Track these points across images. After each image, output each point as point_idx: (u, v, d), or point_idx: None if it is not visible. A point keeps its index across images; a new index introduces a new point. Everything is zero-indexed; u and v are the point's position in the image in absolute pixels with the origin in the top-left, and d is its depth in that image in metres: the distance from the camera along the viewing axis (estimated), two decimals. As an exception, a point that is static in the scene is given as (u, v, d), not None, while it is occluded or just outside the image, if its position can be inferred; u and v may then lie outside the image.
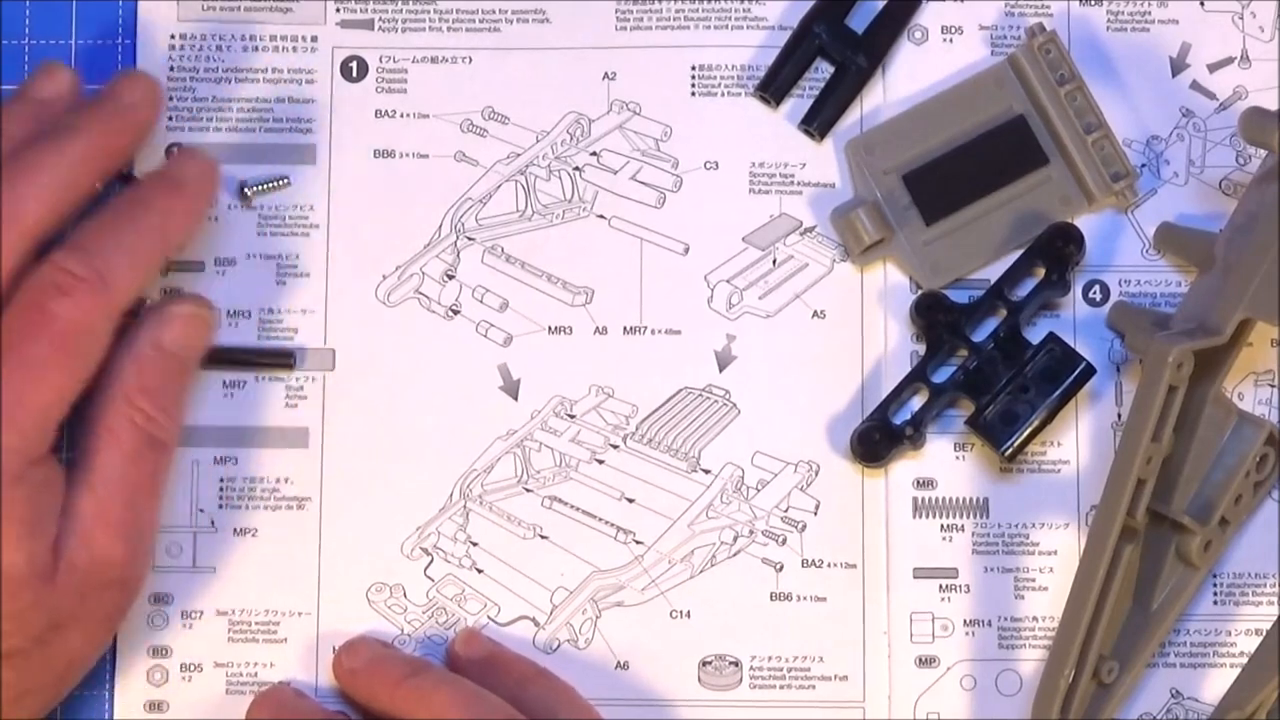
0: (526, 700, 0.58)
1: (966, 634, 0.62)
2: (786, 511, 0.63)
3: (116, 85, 0.59)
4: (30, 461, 0.53)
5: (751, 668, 0.62)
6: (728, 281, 0.64)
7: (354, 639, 0.62)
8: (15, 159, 0.55)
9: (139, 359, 0.57)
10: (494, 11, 0.65)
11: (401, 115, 0.65)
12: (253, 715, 0.60)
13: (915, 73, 0.65)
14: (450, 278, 0.64)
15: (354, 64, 0.65)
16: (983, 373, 0.62)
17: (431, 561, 0.63)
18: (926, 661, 0.62)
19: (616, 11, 0.65)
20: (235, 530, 0.63)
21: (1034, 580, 0.63)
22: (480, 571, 0.63)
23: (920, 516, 0.63)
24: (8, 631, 0.53)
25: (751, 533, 0.63)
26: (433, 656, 0.62)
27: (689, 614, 0.63)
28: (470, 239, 0.64)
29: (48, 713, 0.57)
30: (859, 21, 0.64)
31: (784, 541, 0.63)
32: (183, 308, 0.58)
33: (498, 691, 0.58)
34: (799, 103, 0.65)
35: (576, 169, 0.64)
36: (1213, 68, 0.65)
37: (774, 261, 0.64)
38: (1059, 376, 0.62)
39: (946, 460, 0.63)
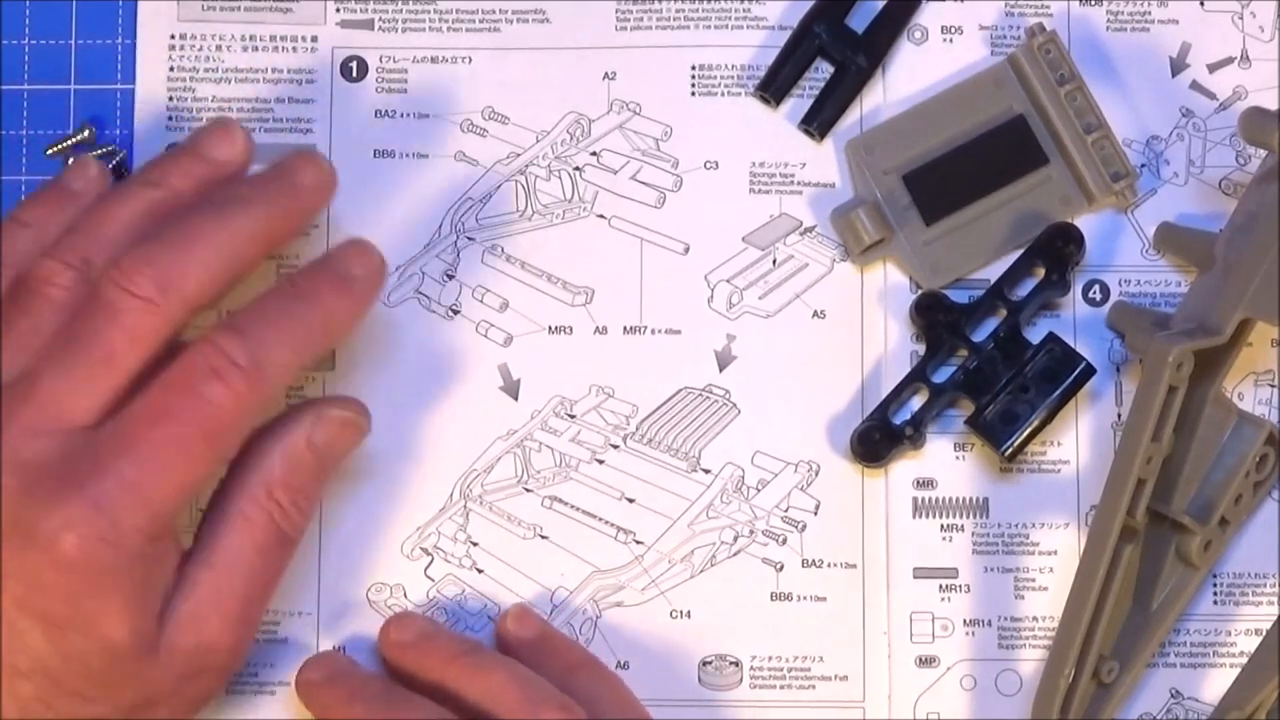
0: (574, 688, 0.58)
1: (966, 634, 0.62)
2: (786, 511, 0.63)
3: (293, 164, 0.56)
4: (151, 538, 0.52)
5: (751, 668, 0.62)
6: (728, 281, 0.64)
7: (403, 613, 0.61)
8: (180, 223, 0.53)
9: (289, 453, 0.55)
10: (494, 11, 0.65)
11: (401, 115, 0.65)
12: (304, 676, 0.59)
13: (915, 73, 0.65)
14: (450, 278, 0.64)
15: (354, 64, 0.65)
16: (983, 373, 0.62)
17: (431, 561, 0.63)
18: (926, 661, 0.62)
19: (616, 11, 0.65)
20: (235, 530, 0.63)
21: (1034, 580, 0.63)
22: (480, 571, 0.63)
23: (920, 516, 0.63)
24: (97, 697, 0.52)
25: (751, 533, 0.63)
26: (477, 631, 0.62)
27: (689, 614, 0.63)
28: (470, 239, 0.64)
29: None
30: (859, 21, 0.64)
31: (784, 541, 0.63)
32: (343, 412, 0.57)
33: (546, 675, 0.57)
34: (799, 103, 0.65)
35: (576, 169, 0.64)
36: (1213, 68, 0.65)
37: (774, 261, 0.64)
38: (1059, 376, 0.62)
39: (946, 460, 0.63)
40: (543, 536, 0.63)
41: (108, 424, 0.52)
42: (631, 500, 0.63)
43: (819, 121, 0.64)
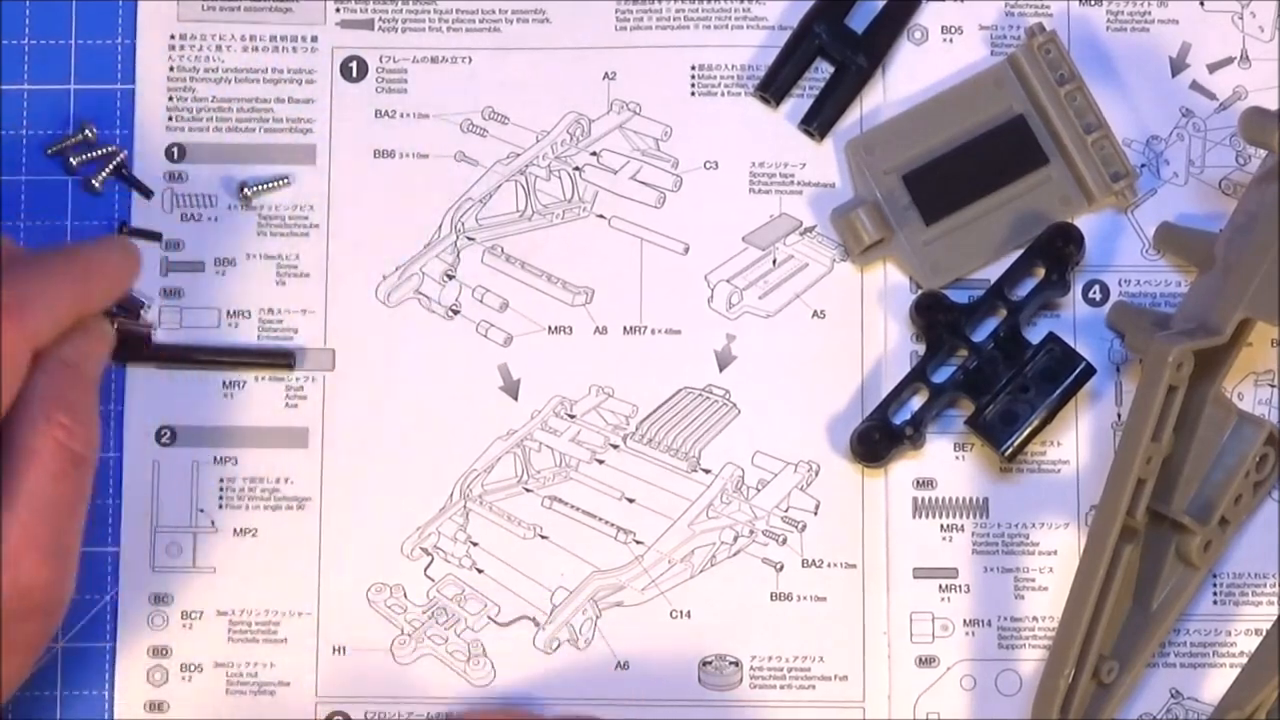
0: None
1: (966, 634, 0.62)
2: (786, 511, 0.63)
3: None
4: None
5: (751, 668, 0.62)
6: (728, 281, 0.64)
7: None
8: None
9: (51, 374, 0.55)
10: (494, 11, 0.65)
11: (401, 115, 0.65)
12: None
13: (915, 73, 0.65)
14: (450, 278, 0.64)
15: (354, 64, 0.65)
16: (983, 373, 0.62)
17: (431, 561, 0.63)
18: (926, 661, 0.62)
19: (616, 11, 0.65)
20: (235, 530, 0.63)
21: (1034, 580, 0.63)
22: (480, 571, 0.63)
23: (920, 516, 0.63)
24: None
25: (751, 533, 0.63)
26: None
27: (689, 614, 0.63)
28: (470, 239, 0.64)
29: None
30: (859, 21, 0.64)
31: (784, 541, 0.63)
32: (92, 321, 0.57)
33: None
34: (799, 103, 0.65)
35: (576, 169, 0.64)
36: (1213, 68, 0.65)
37: (774, 261, 0.64)
38: (1059, 376, 0.62)
39: (946, 460, 0.63)
40: (543, 536, 0.63)
41: None
42: (631, 500, 0.63)
43: (819, 121, 0.64)
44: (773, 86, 0.64)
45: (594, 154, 0.65)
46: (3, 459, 0.54)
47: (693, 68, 0.65)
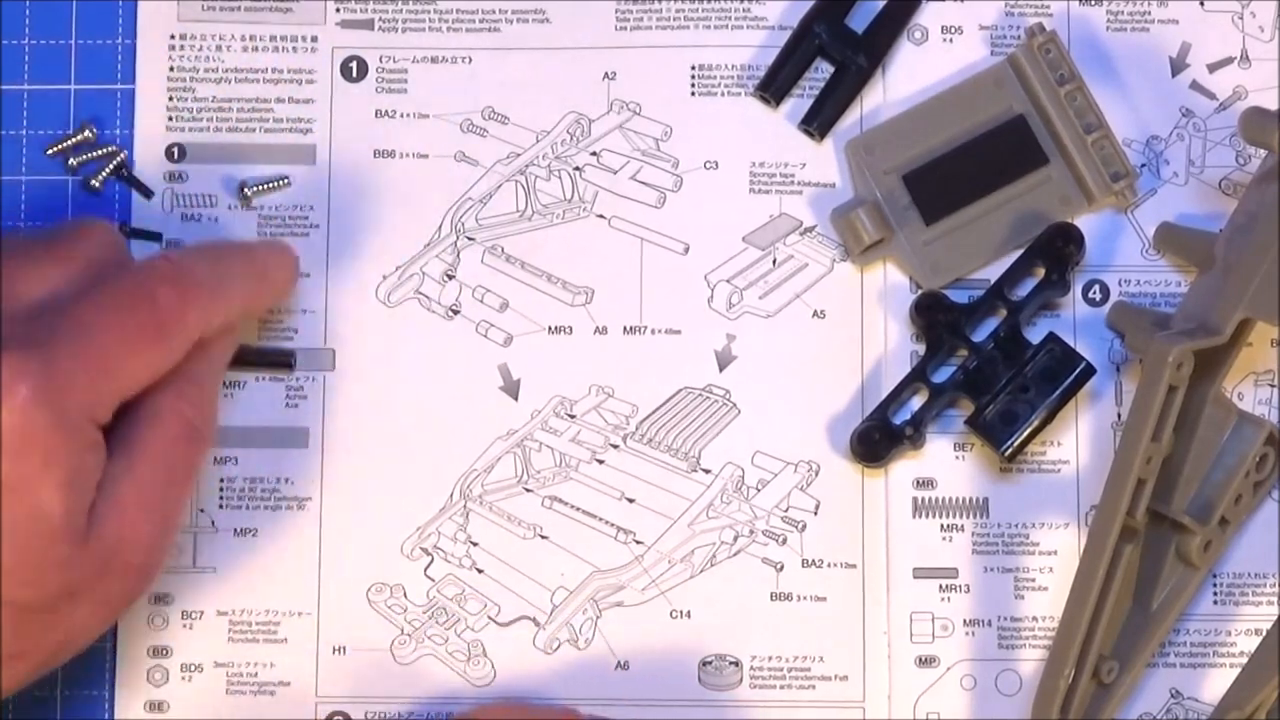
0: None
1: (966, 634, 0.62)
2: (786, 511, 0.63)
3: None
4: (94, 421, 0.53)
5: (751, 668, 0.62)
6: (728, 281, 0.64)
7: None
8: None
9: (191, 355, 0.56)
10: (494, 11, 0.65)
11: (401, 115, 0.65)
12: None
13: (915, 73, 0.65)
14: (450, 278, 0.64)
15: (354, 64, 0.65)
16: (983, 373, 0.62)
17: (431, 561, 0.63)
18: (926, 661, 0.62)
19: (616, 11, 0.65)
20: (235, 530, 0.63)
21: (1034, 580, 0.63)
22: (480, 571, 0.63)
23: (920, 516, 0.63)
24: (25, 581, 0.52)
25: (751, 533, 0.63)
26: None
27: (689, 614, 0.63)
28: (470, 239, 0.64)
29: (25, 684, 0.55)
30: (859, 21, 0.64)
31: (784, 541, 0.63)
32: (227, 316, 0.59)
33: None
34: (799, 103, 0.65)
35: (576, 169, 0.64)
36: (1213, 68, 0.65)
37: (774, 261, 0.64)
38: (1059, 376, 0.62)
39: (946, 460, 0.63)
40: (543, 536, 0.63)
41: (66, 304, 0.53)
42: (631, 500, 0.63)
43: (819, 121, 0.64)
44: (773, 86, 0.64)
45: (594, 154, 0.65)
46: (127, 421, 0.55)
47: (693, 68, 0.65)
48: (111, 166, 0.63)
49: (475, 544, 0.63)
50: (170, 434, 0.55)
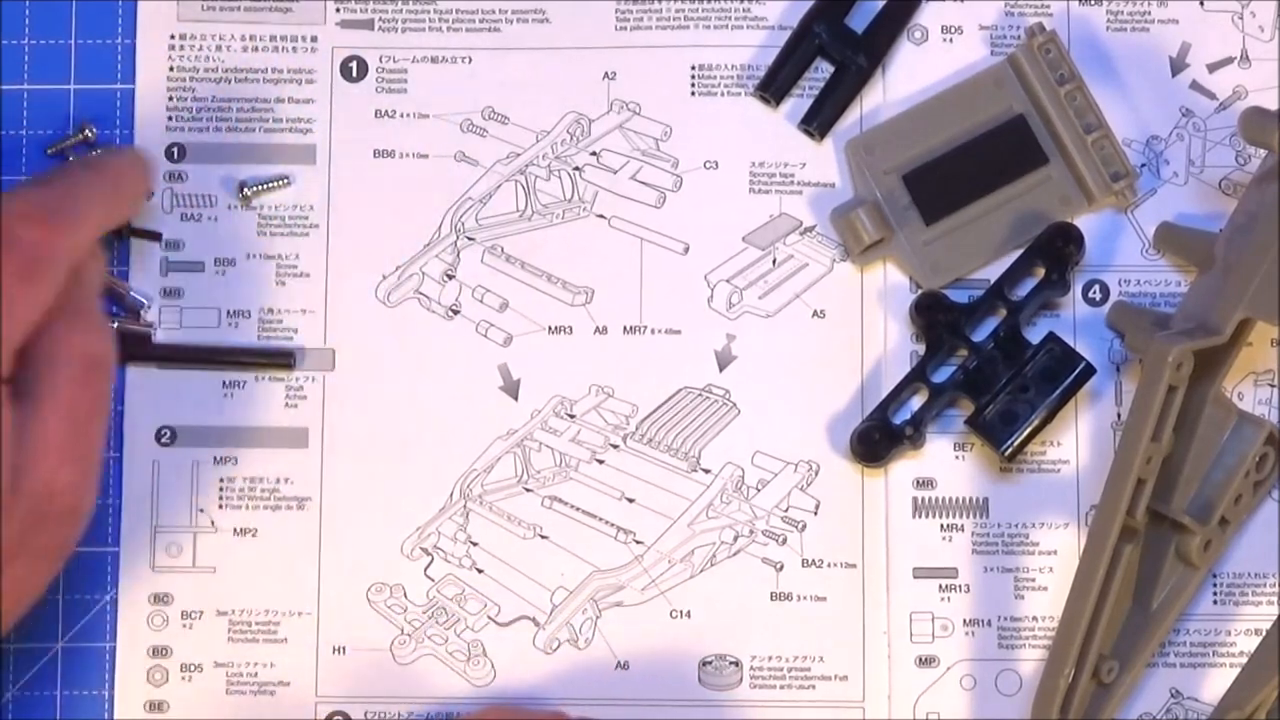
0: None
1: (966, 634, 0.62)
2: (786, 511, 0.63)
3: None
4: None
5: (751, 668, 0.62)
6: (728, 281, 0.64)
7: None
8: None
9: (67, 285, 0.55)
10: (494, 11, 0.65)
11: (401, 115, 0.65)
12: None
13: (915, 73, 0.65)
14: (450, 278, 0.64)
15: (354, 64, 0.65)
16: (983, 372, 0.62)
17: (431, 561, 0.63)
18: (926, 661, 0.62)
19: (616, 11, 0.65)
20: (235, 530, 0.63)
21: (1034, 580, 0.63)
22: (480, 571, 0.63)
23: (920, 516, 0.63)
24: None
25: (751, 532, 0.63)
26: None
27: (689, 614, 0.63)
28: (470, 239, 0.64)
29: None
30: (859, 21, 0.64)
31: (784, 541, 0.63)
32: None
33: None
34: (799, 103, 0.65)
35: (576, 169, 0.64)
36: (1212, 68, 0.65)
37: (774, 261, 0.64)
38: (1059, 376, 0.62)
39: (946, 460, 0.63)
40: (543, 536, 0.63)
41: None
42: (631, 500, 0.63)
43: (819, 121, 0.64)
44: (773, 86, 0.64)
45: (594, 154, 0.65)
46: (29, 365, 0.54)
47: (693, 68, 0.65)
48: (111, 166, 0.63)
49: (475, 544, 0.63)
50: (71, 372, 0.54)
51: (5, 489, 0.52)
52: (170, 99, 0.64)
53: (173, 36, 0.65)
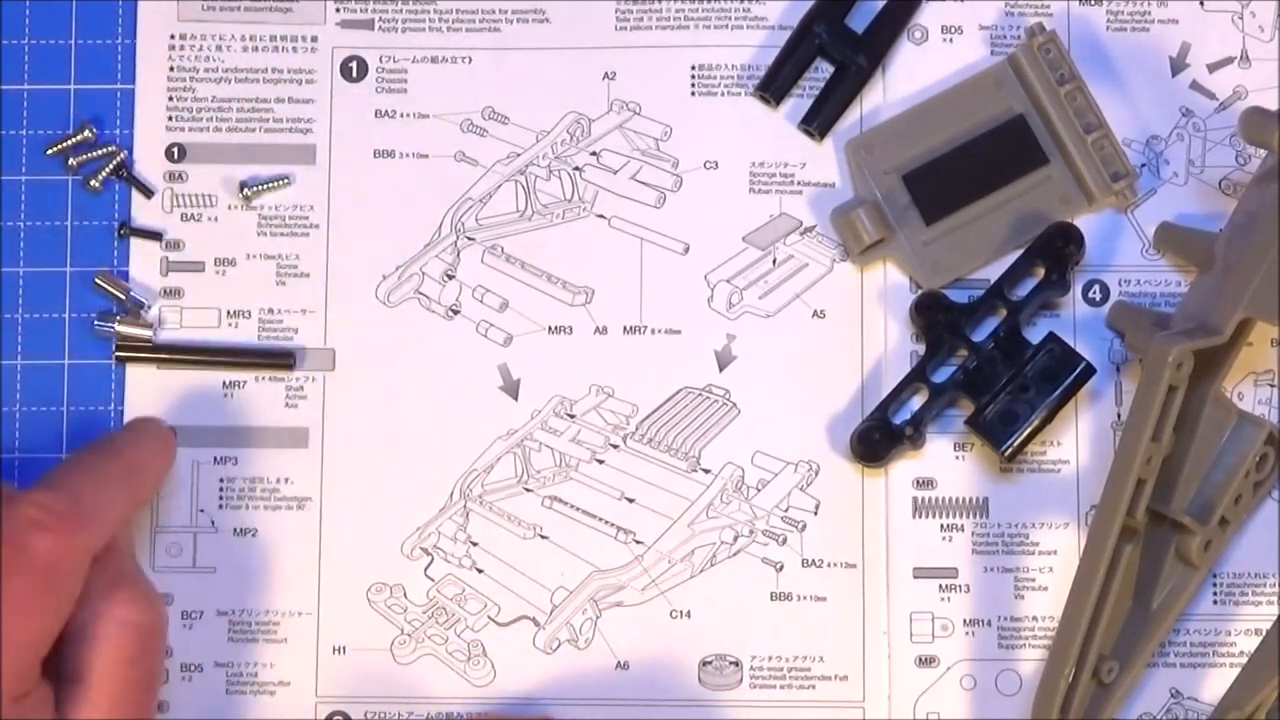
0: None
1: (966, 634, 0.62)
2: (786, 511, 0.63)
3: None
4: (15, 699, 0.51)
5: (751, 668, 0.62)
6: (728, 281, 0.64)
7: None
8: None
9: (102, 558, 0.55)
10: (494, 11, 0.65)
11: (401, 115, 0.65)
12: None
13: (915, 73, 0.65)
14: (450, 278, 0.64)
15: (354, 64, 0.65)
16: (983, 373, 0.62)
17: (431, 561, 0.63)
18: (926, 661, 0.62)
19: (616, 11, 0.65)
20: (235, 530, 0.63)
21: (1034, 580, 0.63)
22: (480, 571, 0.63)
23: (920, 516, 0.63)
24: None
25: (751, 532, 0.63)
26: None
27: (689, 614, 0.63)
28: (470, 239, 0.64)
29: None
30: (859, 21, 0.64)
31: (784, 541, 0.63)
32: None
33: None
34: (799, 103, 0.65)
35: (576, 169, 0.64)
36: (1213, 68, 0.65)
37: (774, 261, 0.64)
38: (1059, 376, 0.62)
39: (946, 460, 0.63)
40: (543, 536, 0.63)
41: None
42: (631, 500, 0.63)
43: (819, 121, 0.64)
44: (773, 86, 0.64)
45: (594, 154, 0.65)
46: (74, 653, 0.54)
47: (693, 68, 0.65)
48: (111, 166, 0.63)
49: (475, 544, 0.63)
50: (118, 650, 0.54)
51: None
52: (170, 99, 0.64)
53: (173, 36, 0.65)
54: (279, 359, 0.63)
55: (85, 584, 0.54)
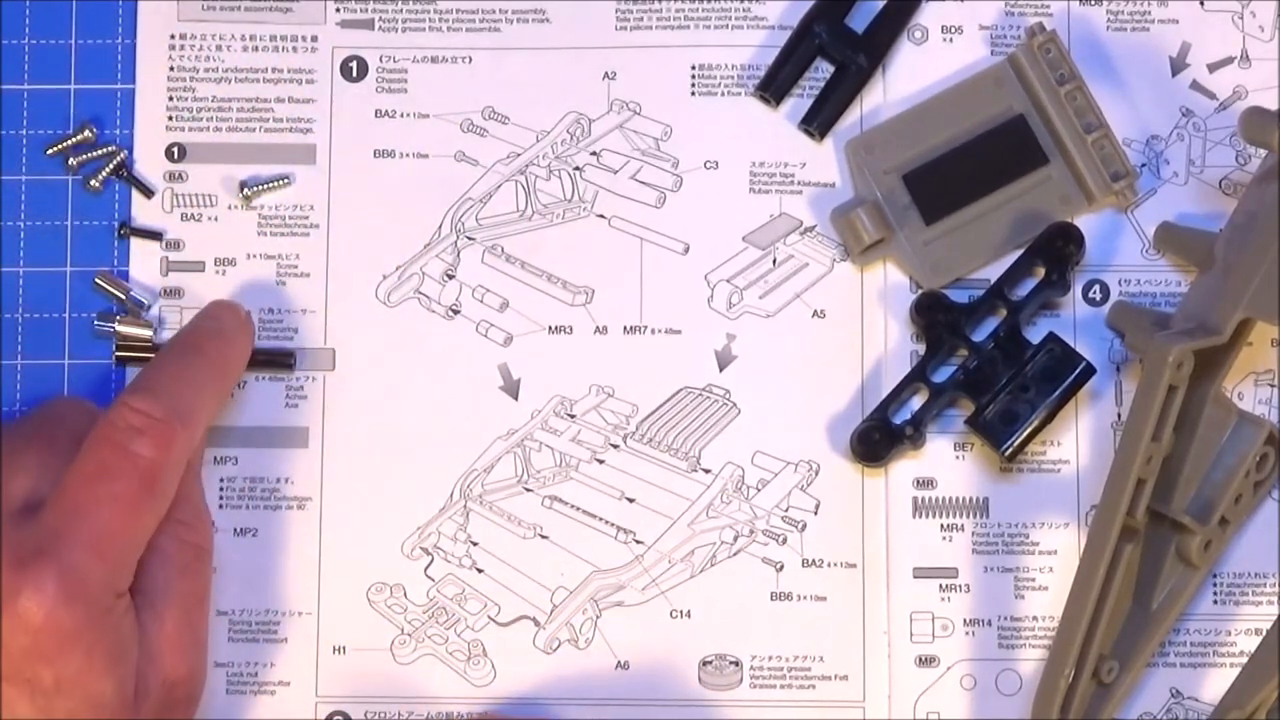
0: None
1: (966, 634, 0.62)
2: (787, 511, 0.63)
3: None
4: (117, 593, 0.54)
5: (751, 668, 0.62)
6: (728, 281, 0.64)
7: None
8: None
9: None
10: (494, 11, 0.65)
11: (401, 115, 0.65)
12: None
13: (915, 73, 0.65)
14: (450, 278, 0.64)
15: (354, 64, 0.65)
16: (983, 372, 0.62)
17: (432, 561, 0.63)
18: (926, 661, 0.62)
19: (616, 11, 0.65)
20: (235, 530, 0.63)
21: (1034, 580, 0.63)
22: (480, 571, 0.63)
23: (920, 516, 0.63)
24: None
25: (751, 532, 0.63)
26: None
27: (689, 614, 0.63)
28: (470, 239, 0.64)
29: None
30: (859, 21, 0.64)
31: (784, 541, 0.63)
32: None
33: None
34: (799, 103, 0.65)
35: (576, 169, 0.64)
36: (1213, 67, 0.65)
37: (774, 261, 0.64)
38: (1059, 376, 0.62)
39: (946, 460, 0.63)
40: (543, 536, 0.63)
41: (53, 495, 0.54)
42: (631, 500, 0.63)
43: (819, 121, 0.64)
44: (773, 86, 0.64)
45: (594, 154, 0.65)
46: (143, 566, 0.56)
47: (693, 68, 0.65)
48: (111, 166, 0.63)
49: (475, 544, 0.63)
50: (181, 566, 0.57)
51: (136, 694, 0.55)
52: (170, 99, 0.64)
53: (173, 36, 0.65)
54: (279, 359, 0.63)
55: None
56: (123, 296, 0.63)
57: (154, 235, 0.64)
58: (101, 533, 0.53)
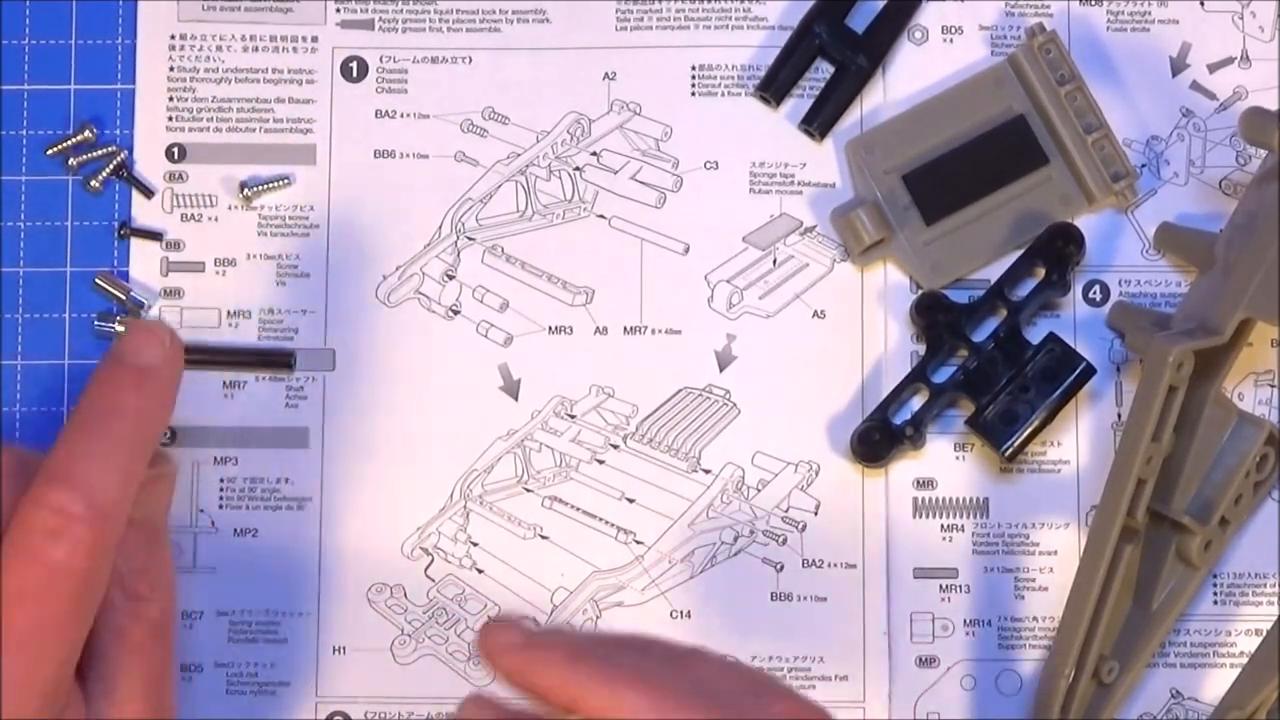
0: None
1: (966, 634, 0.62)
2: (787, 511, 0.63)
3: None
4: (52, 695, 0.49)
5: (751, 668, 0.62)
6: (728, 281, 0.64)
7: (500, 618, 0.58)
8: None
9: (121, 545, 0.51)
10: (494, 11, 0.65)
11: (401, 115, 0.65)
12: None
13: (915, 73, 0.65)
14: (450, 278, 0.64)
15: (354, 64, 0.65)
16: (983, 373, 0.62)
17: (432, 561, 0.63)
18: (926, 661, 0.62)
19: (616, 11, 0.65)
20: (235, 530, 0.63)
21: (1034, 580, 0.63)
22: (480, 571, 0.63)
23: (920, 516, 0.63)
24: None
25: (752, 533, 0.63)
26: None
27: (689, 614, 0.63)
28: (470, 239, 0.64)
29: None
30: (859, 21, 0.64)
31: (784, 541, 0.63)
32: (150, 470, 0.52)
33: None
34: (799, 103, 0.65)
35: (577, 169, 0.64)
36: (1213, 68, 0.65)
37: (774, 261, 0.64)
38: (1059, 376, 0.62)
39: (946, 460, 0.63)
40: (543, 536, 0.63)
41: None
42: (631, 500, 0.63)
43: (819, 121, 0.64)
44: (773, 86, 0.64)
45: (594, 154, 0.65)
46: (95, 639, 0.51)
47: (693, 68, 0.65)
48: (111, 166, 0.63)
49: (475, 544, 0.63)
50: (136, 645, 0.51)
51: None
52: (170, 99, 0.64)
53: (173, 36, 0.65)
54: (279, 359, 0.63)
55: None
56: (123, 297, 0.63)
57: (154, 235, 0.64)
58: (26, 663, 0.48)
